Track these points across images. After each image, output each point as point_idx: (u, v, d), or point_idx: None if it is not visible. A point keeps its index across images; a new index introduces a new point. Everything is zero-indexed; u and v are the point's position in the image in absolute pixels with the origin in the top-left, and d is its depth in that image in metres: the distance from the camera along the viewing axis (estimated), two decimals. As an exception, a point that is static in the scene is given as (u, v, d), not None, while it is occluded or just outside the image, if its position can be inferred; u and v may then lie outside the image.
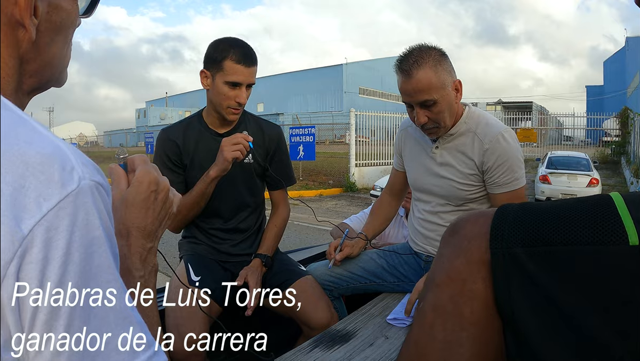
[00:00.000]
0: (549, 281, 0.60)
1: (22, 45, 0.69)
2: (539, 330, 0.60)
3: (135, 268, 0.85)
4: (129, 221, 0.85)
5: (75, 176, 0.58)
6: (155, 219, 0.89)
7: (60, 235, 0.55)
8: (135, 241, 0.85)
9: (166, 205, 0.91)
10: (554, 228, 0.62)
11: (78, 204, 0.57)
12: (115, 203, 0.86)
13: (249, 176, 2.34)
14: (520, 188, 2.11)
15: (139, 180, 0.87)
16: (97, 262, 0.59)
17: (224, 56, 2.10)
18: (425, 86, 1.99)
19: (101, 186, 0.63)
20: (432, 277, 0.73)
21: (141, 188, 0.87)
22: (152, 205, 0.88)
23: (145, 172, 0.88)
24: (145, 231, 0.87)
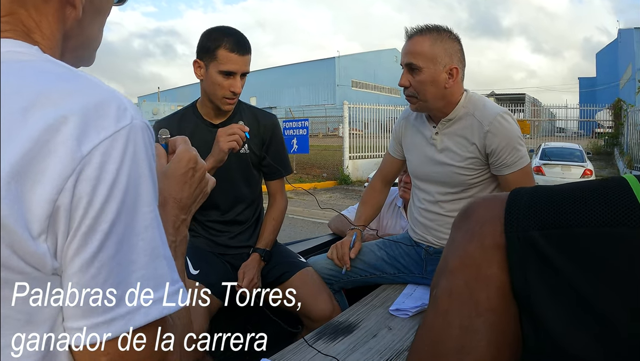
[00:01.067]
0: (567, 265, 0.58)
1: (68, 23, 0.77)
2: (557, 314, 0.59)
3: (168, 234, 0.88)
4: (166, 192, 0.91)
5: (129, 115, 0.65)
6: (191, 194, 0.95)
7: (112, 160, 0.62)
8: (171, 210, 0.91)
9: (202, 184, 0.97)
10: (570, 209, 0.60)
11: (129, 138, 0.64)
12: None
13: (245, 166, 2.31)
14: (527, 165, 2.11)
15: (179, 156, 0.94)
16: (138, 193, 0.65)
17: (217, 45, 2.07)
18: (416, 50, 2.07)
19: (149, 128, 0.69)
20: (444, 263, 0.72)
21: (181, 164, 0.93)
22: (190, 180, 0.94)
23: (185, 149, 0.95)
24: (180, 203, 0.92)
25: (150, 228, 0.65)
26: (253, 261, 2.25)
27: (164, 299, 0.66)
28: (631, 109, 19.53)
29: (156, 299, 0.64)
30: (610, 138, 23.19)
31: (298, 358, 1.64)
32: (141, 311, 0.63)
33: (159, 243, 0.67)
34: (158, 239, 0.67)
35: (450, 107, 2.15)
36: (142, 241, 0.64)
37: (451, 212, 2.22)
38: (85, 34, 0.82)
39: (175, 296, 0.67)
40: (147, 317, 0.63)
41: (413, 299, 2.17)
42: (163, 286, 0.66)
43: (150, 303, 0.64)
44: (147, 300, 0.63)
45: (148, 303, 0.63)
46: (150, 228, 0.65)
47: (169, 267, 0.68)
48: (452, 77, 2.07)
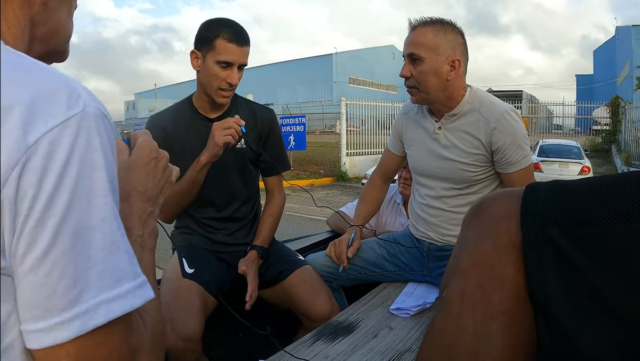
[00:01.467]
0: (587, 264, 0.54)
1: (34, 8, 0.74)
2: (575, 316, 0.55)
3: (134, 227, 0.87)
4: (130, 185, 0.88)
5: (81, 102, 0.62)
6: (156, 185, 0.93)
7: (61, 149, 0.59)
8: (135, 203, 0.88)
9: (166, 173, 0.95)
10: (591, 206, 0.56)
11: (81, 126, 0.61)
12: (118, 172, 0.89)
13: (241, 162, 2.26)
14: (530, 164, 2.10)
15: (140, 147, 0.92)
16: (92, 184, 0.61)
17: (215, 35, 2.02)
18: (418, 41, 2.04)
19: (105, 117, 0.66)
20: (455, 262, 0.67)
21: (143, 154, 0.91)
22: (153, 171, 0.92)
23: (146, 140, 0.93)
24: (145, 195, 0.90)
25: (108, 220, 0.62)
26: (251, 257, 2.20)
27: (127, 295, 0.62)
28: (629, 106, 19.60)
29: (117, 296, 0.61)
30: (608, 135, 23.28)
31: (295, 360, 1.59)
32: (101, 309, 0.59)
33: (118, 236, 0.63)
34: (116, 232, 0.63)
35: (452, 101, 2.11)
36: (99, 234, 0.60)
37: (455, 207, 2.18)
38: (54, 19, 0.78)
39: (138, 291, 0.64)
40: (108, 315, 0.60)
41: (414, 298, 2.12)
42: (124, 281, 0.62)
43: (111, 299, 0.60)
44: (108, 297, 0.60)
45: (109, 300, 0.60)
46: (107, 220, 0.62)
47: (129, 261, 0.64)
48: (454, 69, 2.04)
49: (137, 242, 0.86)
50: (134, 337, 0.68)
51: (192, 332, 1.86)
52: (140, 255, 0.84)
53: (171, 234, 2.34)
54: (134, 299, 0.63)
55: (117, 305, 0.61)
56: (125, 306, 0.61)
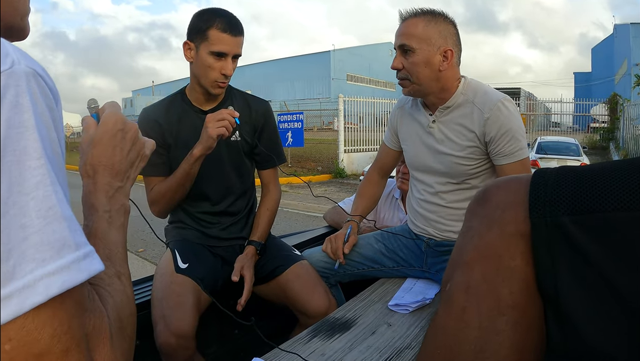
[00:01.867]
0: (603, 255, 0.50)
1: None
2: (589, 313, 0.51)
3: (99, 203, 0.83)
4: (95, 160, 0.84)
5: (9, 60, 0.56)
6: (124, 158, 0.88)
7: None
8: (101, 179, 0.84)
9: (136, 146, 0.90)
10: (608, 190, 0.52)
11: (8, 84, 0.55)
12: (84, 147, 0.86)
13: (236, 154, 2.21)
14: (525, 157, 2.03)
15: (105, 120, 0.87)
16: (22, 146, 0.54)
17: (209, 25, 1.97)
18: (409, 31, 2.01)
19: (41, 77, 0.59)
20: (459, 254, 0.64)
21: (107, 127, 0.87)
22: (120, 144, 0.87)
23: (111, 112, 0.88)
24: (113, 170, 0.86)
25: (42, 185, 0.54)
26: (249, 254, 2.15)
27: (69, 268, 0.54)
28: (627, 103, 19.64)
29: (57, 269, 0.53)
30: (606, 133, 23.32)
31: (291, 357, 1.54)
32: (40, 285, 0.51)
33: (54, 201, 0.55)
34: (53, 198, 0.55)
35: (446, 93, 2.07)
36: (33, 200, 0.53)
37: (452, 203, 2.13)
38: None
39: (82, 263, 0.56)
40: (47, 291, 0.52)
41: (413, 293, 2.08)
42: (65, 251, 0.54)
43: (50, 273, 0.52)
44: (46, 271, 0.52)
45: (48, 275, 0.52)
46: (42, 184, 0.54)
47: (70, 229, 0.56)
48: (446, 59, 2.00)
49: (103, 218, 0.81)
50: (88, 319, 0.61)
51: (186, 329, 1.81)
52: (107, 232, 0.80)
53: (165, 229, 2.30)
54: (77, 273, 0.55)
55: (57, 280, 0.53)
56: (66, 281, 0.54)
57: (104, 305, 0.68)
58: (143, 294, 2.01)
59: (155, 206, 2.14)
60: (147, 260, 6.29)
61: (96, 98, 1.03)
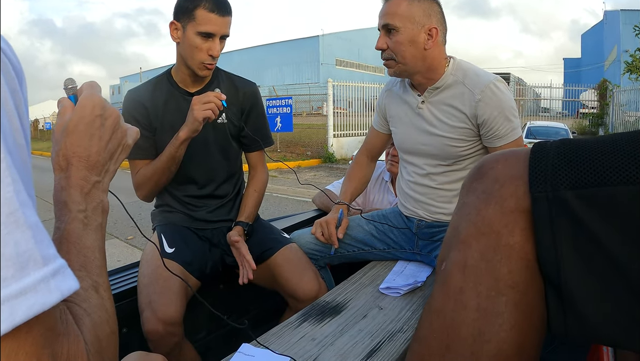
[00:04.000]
0: (606, 230, 0.49)
1: None
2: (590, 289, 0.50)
3: (73, 202, 0.71)
4: (69, 151, 0.73)
5: None
6: (103, 149, 0.76)
7: None
8: (76, 173, 0.72)
9: (117, 134, 0.78)
10: (612, 163, 0.50)
11: None
12: (57, 135, 0.74)
13: (222, 137, 2.17)
14: (519, 137, 2.01)
15: (81, 104, 0.75)
16: None
17: (195, 5, 1.92)
18: (392, 10, 1.98)
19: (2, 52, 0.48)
20: (455, 232, 0.61)
21: (84, 112, 0.74)
22: (98, 132, 0.75)
23: (88, 95, 0.76)
24: (89, 162, 0.74)
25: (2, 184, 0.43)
26: (237, 232, 2.12)
27: (36, 289, 0.43)
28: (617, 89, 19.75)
29: (22, 290, 0.42)
30: (595, 118, 23.42)
31: (282, 342, 1.51)
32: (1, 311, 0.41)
33: (17, 206, 0.44)
34: (14, 200, 0.44)
35: (433, 73, 2.04)
36: None
37: (443, 185, 2.11)
38: None
39: (52, 281, 0.45)
40: (11, 318, 0.41)
41: (404, 276, 2.05)
42: (31, 268, 0.43)
43: (14, 296, 0.41)
44: (8, 293, 0.41)
45: (9, 298, 0.41)
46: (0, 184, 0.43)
47: (36, 239, 0.45)
48: (431, 37, 1.97)
49: (77, 219, 0.70)
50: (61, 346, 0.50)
51: (173, 315, 1.77)
52: (81, 235, 0.69)
53: (151, 214, 2.26)
54: (46, 294, 0.44)
55: (22, 304, 0.42)
56: (34, 305, 0.43)
57: (80, 326, 0.57)
58: (130, 280, 1.97)
59: (140, 190, 2.10)
60: (137, 247, 6.24)
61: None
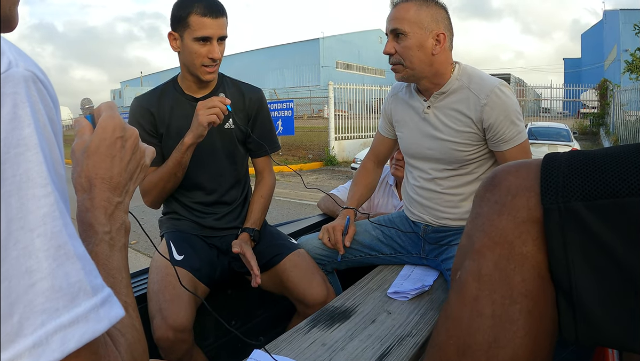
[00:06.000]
0: (616, 241, 0.50)
1: None
2: (601, 298, 0.51)
3: (99, 223, 0.72)
4: (91, 172, 0.74)
5: (5, 60, 0.46)
6: (124, 170, 0.77)
7: None
8: (99, 194, 0.73)
9: (136, 155, 0.80)
10: (622, 175, 0.51)
11: (5, 92, 0.45)
12: (77, 155, 0.74)
13: (229, 142, 2.19)
14: (525, 140, 2.03)
15: (102, 126, 0.76)
16: (23, 168, 0.44)
17: (188, 12, 1.95)
18: (401, 15, 2.00)
19: (41, 82, 0.50)
20: (469, 242, 0.62)
21: (105, 134, 0.75)
22: (119, 154, 0.76)
23: (109, 117, 0.76)
24: (111, 183, 0.75)
25: (50, 218, 0.45)
26: (244, 239, 2.13)
27: (86, 318, 0.46)
28: (617, 89, 19.73)
29: (74, 320, 0.45)
30: (596, 118, 23.41)
31: (292, 348, 1.52)
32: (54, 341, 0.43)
33: (66, 238, 0.46)
34: (64, 233, 0.46)
35: (440, 78, 2.05)
36: (39, 238, 0.44)
37: (449, 189, 2.12)
38: None
39: (101, 310, 0.48)
40: (64, 347, 0.43)
41: (411, 281, 2.06)
42: (81, 298, 0.46)
43: (66, 326, 0.44)
44: (61, 323, 0.44)
45: (63, 327, 0.44)
46: (49, 217, 0.45)
47: (85, 270, 0.48)
48: (439, 43, 1.99)
49: (104, 241, 0.71)
50: None
51: (183, 322, 1.78)
52: (109, 256, 0.71)
53: (159, 221, 2.27)
54: (96, 323, 0.47)
55: (75, 333, 0.44)
56: (85, 333, 0.45)
57: (117, 346, 0.59)
58: (139, 288, 1.98)
59: (147, 196, 2.11)
60: (140, 252, 6.25)
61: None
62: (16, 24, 0.68)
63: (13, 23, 0.67)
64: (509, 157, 1.99)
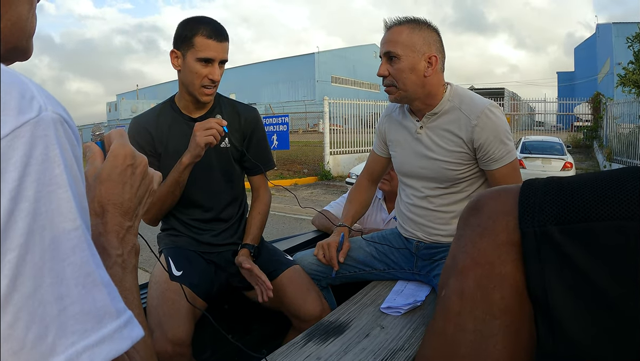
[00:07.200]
0: (588, 262, 0.53)
1: None
2: (576, 315, 0.54)
3: (111, 247, 0.76)
4: (104, 198, 0.77)
5: (36, 105, 0.50)
6: (134, 196, 0.81)
7: (13, 167, 0.47)
8: (112, 219, 0.77)
9: (145, 181, 0.83)
10: (591, 201, 0.55)
11: (37, 135, 0.49)
12: (89, 181, 0.78)
13: (225, 161, 2.24)
14: (515, 159, 2.08)
15: (113, 153, 0.79)
16: (55, 205, 0.49)
17: (194, 33, 2.00)
18: (394, 38, 2.05)
19: (66, 122, 0.54)
20: (453, 262, 0.66)
21: (117, 162, 0.79)
22: (130, 180, 0.80)
23: (120, 145, 0.80)
24: (122, 208, 0.79)
25: (79, 249, 0.51)
26: (245, 255, 2.18)
27: (112, 338, 0.51)
28: (610, 102, 19.81)
29: (101, 340, 0.50)
30: (590, 131, 23.50)
31: (288, 361, 1.57)
32: (84, 358, 0.48)
33: (93, 267, 0.52)
34: (91, 262, 0.52)
35: (432, 99, 2.11)
36: (70, 267, 0.49)
37: (441, 207, 2.17)
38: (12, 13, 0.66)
39: (124, 330, 0.53)
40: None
41: (404, 296, 2.11)
42: (107, 320, 0.52)
43: (94, 345, 0.49)
44: (89, 343, 0.49)
45: (91, 346, 0.49)
46: (78, 248, 0.51)
47: (110, 295, 0.53)
48: (431, 65, 2.04)
49: (117, 263, 0.76)
50: None
51: (181, 336, 1.83)
52: (122, 278, 0.75)
53: (157, 237, 2.31)
54: (120, 342, 0.52)
55: (102, 351, 0.50)
56: (111, 352, 0.51)
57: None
58: None
59: (146, 214, 2.15)
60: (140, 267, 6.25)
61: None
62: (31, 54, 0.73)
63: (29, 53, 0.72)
64: (498, 175, 2.04)
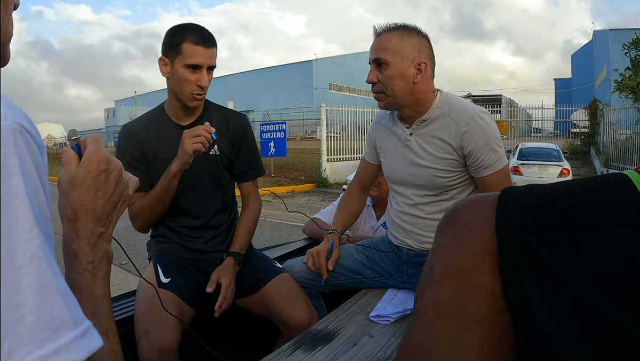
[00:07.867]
0: (566, 271, 0.53)
1: None
2: (555, 324, 0.53)
3: (82, 253, 0.76)
4: (76, 204, 0.77)
5: None
6: (107, 201, 0.80)
7: None
8: (83, 225, 0.76)
9: (120, 187, 0.83)
10: (569, 210, 0.55)
11: None
12: (63, 186, 0.78)
13: (215, 168, 2.23)
14: (505, 166, 2.06)
15: (87, 159, 0.79)
16: (12, 214, 0.49)
17: (181, 39, 2.00)
18: (383, 45, 2.04)
19: (27, 131, 0.54)
20: (429, 272, 0.65)
21: (90, 167, 0.78)
22: (103, 186, 0.79)
23: (94, 150, 0.80)
24: (95, 215, 0.78)
25: (36, 259, 0.51)
26: (228, 265, 2.16)
27: (68, 348, 0.51)
28: (607, 108, 19.86)
29: (57, 350, 0.50)
30: (586, 138, 23.56)
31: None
32: None
33: (50, 276, 0.52)
34: (48, 272, 0.52)
35: (422, 106, 2.10)
36: (26, 277, 0.49)
37: (431, 214, 2.16)
38: None
39: (81, 340, 0.53)
40: None
41: (394, 304, 2.09)
42: (63, 330, 0.51)
43: (50, 355, 0.49)
44: (45, 352, 0.49)
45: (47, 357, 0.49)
46: (35, 258, 0.50)
47: (67, 305, 0.53)
48: (420, 72, 2.03)
49: (87, 270, 0.75)
50: None
51: (168, 343, 1.81)
52: (92, 285, 0.75)
53: (147, 244, 2.30)
54: (77, 352, 0.52)
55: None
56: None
57: None
58: (126, 310, 2.01)
59: (136, 221, 2.15)
60: (131, 273, 6.25)
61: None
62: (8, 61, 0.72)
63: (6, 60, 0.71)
64: (489, 182, 2.03)
